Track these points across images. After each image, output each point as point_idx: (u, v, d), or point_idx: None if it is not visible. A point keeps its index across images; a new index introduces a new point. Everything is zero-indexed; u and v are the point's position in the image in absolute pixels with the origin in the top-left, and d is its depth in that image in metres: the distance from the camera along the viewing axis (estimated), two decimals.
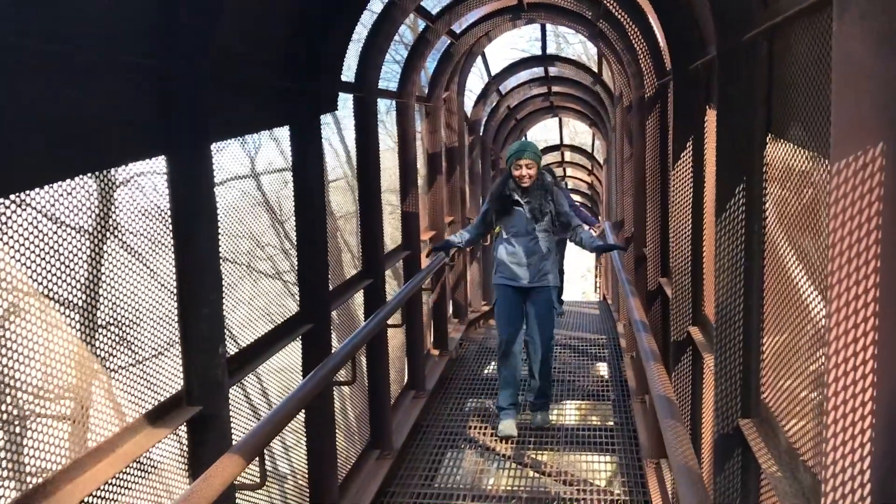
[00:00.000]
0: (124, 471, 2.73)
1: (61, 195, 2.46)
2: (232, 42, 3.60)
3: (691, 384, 4.40)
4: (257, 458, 3.23)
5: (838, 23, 1.50)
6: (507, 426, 6.23)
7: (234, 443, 3.29)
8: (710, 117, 3.82)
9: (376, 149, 5.80)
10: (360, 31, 5.41)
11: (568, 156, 19.57)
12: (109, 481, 2.63)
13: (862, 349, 1.55)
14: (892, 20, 1.46)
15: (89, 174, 2.64)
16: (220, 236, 3.29)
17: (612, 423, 7.04)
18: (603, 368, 8.88)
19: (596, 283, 16.49)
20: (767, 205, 2.83)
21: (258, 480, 3.37)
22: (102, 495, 2.61)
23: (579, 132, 20.88)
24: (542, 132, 20.10)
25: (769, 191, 2.81)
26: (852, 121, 1.51)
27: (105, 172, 2.74)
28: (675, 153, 4.39)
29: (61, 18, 2.43)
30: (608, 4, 5.50)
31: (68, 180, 2.48)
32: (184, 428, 3.19)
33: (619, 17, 5.46)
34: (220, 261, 3.31)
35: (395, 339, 7.85)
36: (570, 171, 19.94)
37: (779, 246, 2.70)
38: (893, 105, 1.48)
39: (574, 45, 19.88)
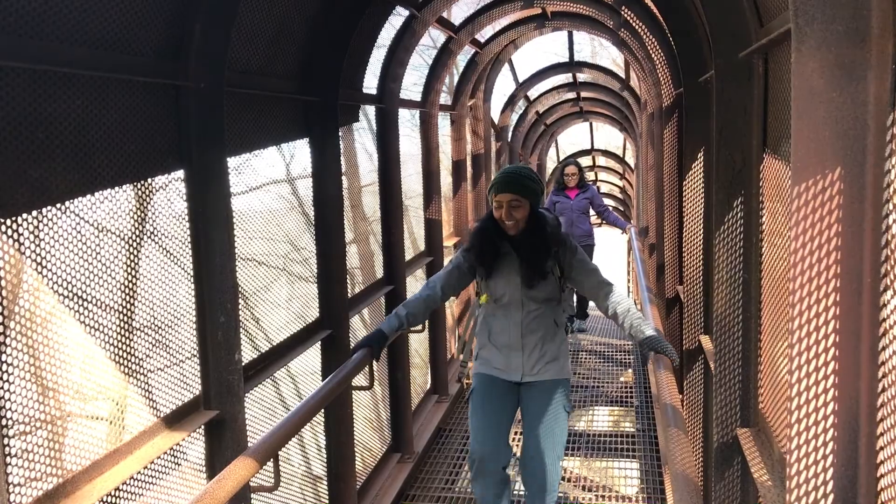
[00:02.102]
0: (141, 471, 2.87)
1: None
2: (250, 57, 3.75)
3: (703, 392, 4.44)
4: (272, 461, 3.35)
5: (796, 53, 1.57)
6: None
7: (249, 445, 3.42)
8: None
9: (397, 159, 5.92)
10: (383, 41, 5.52)
11: (600, 160, 19.55)
12: (127, 481, 2.77)
13: (823, 364, 1.61)
14: (846, 51, 1.52)
15: (111, 188, 2.80)
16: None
17: (634, 429, 7.08)
18: (628, 374, 8.91)
19: (628, 287, 16.42)
20: (765, 218, 2.88)
21: (273, 483, 3.48)
22: (120, 494, 2.75)
23: (613, 136, 20.80)
24: (578, 135, 20.07)
25: (766, 205, 2.86)
26: (811, 147, 1.57)
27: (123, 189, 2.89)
28: (687, 163, 4.44)
29: (84, 43, 2.58)
30: (627, 15, 5.56)
31: (88, 195, 2.64)
32: (202, 430, 3.34)
33: (637, 27, 5.50)
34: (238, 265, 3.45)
35: (420, 343, 7.96)
36: (601, 176, 19.93)
37: (776, 259, 2.75)
38: (850, 132, 1.54)
39: (609, 48, 19.74)
